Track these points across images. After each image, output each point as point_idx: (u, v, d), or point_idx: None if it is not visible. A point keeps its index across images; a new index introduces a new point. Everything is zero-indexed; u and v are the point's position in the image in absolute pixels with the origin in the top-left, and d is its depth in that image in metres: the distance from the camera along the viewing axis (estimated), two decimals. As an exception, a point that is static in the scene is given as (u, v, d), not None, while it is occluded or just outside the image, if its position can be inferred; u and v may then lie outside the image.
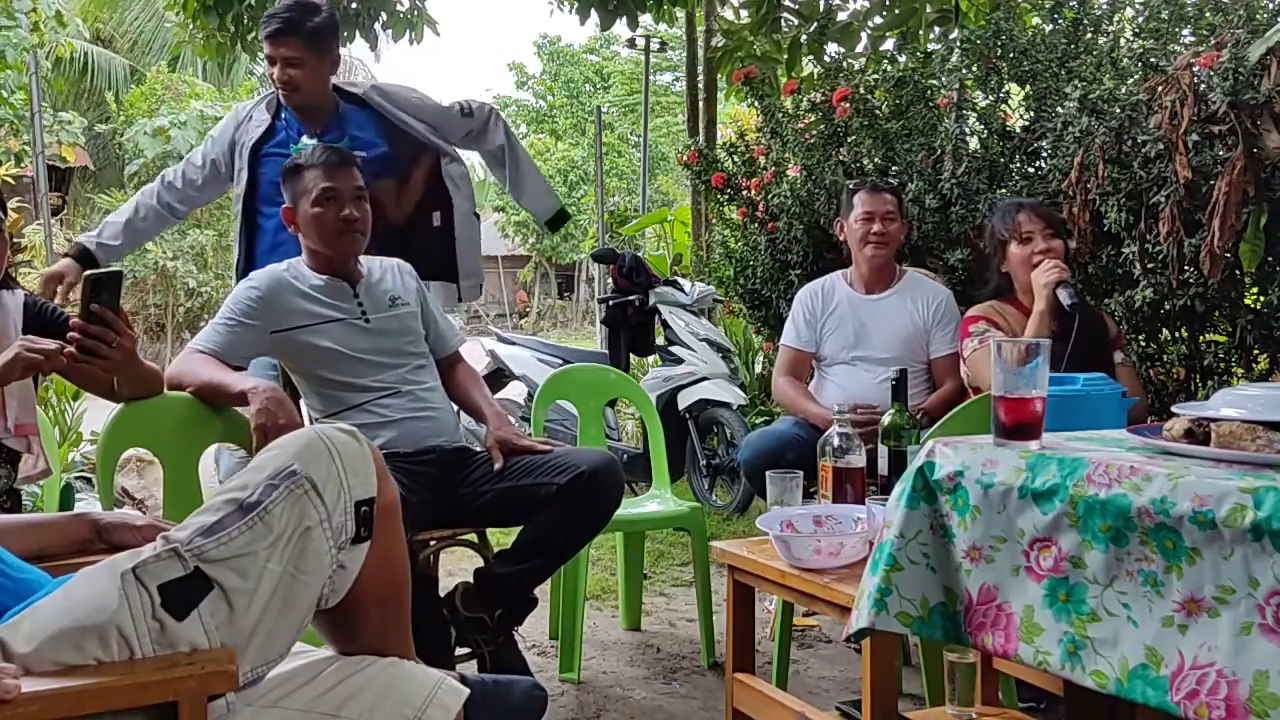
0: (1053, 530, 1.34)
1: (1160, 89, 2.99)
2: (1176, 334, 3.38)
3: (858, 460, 2.23)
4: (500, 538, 3.01)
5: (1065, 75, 3.47)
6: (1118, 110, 3.05)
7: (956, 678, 2.01)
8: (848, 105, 3.86)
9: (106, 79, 15.26)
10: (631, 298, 5.24)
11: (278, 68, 3.11)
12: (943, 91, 3.76)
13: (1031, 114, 3.59)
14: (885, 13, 5.44)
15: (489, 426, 2.60)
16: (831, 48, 5.51)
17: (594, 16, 5.85)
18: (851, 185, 3.32)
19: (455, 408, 2.73)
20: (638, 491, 4.19)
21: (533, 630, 3.17)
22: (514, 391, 5.76)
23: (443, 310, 2.88)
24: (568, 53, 29.12)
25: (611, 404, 5.24)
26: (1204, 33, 3.34)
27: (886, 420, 2.32)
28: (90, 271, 1.99)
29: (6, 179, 7.19)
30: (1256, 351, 3.23)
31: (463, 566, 3.75)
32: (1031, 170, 3.54)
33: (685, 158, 4.65)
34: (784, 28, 5.73)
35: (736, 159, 4.42)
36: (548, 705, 1.73)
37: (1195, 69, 2.89)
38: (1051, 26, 3.70)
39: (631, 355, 5.40)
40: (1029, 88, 3.61)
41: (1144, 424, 1.63)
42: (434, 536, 2.49)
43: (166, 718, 1.25)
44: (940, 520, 1.49)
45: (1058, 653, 1.32)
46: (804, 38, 5.55)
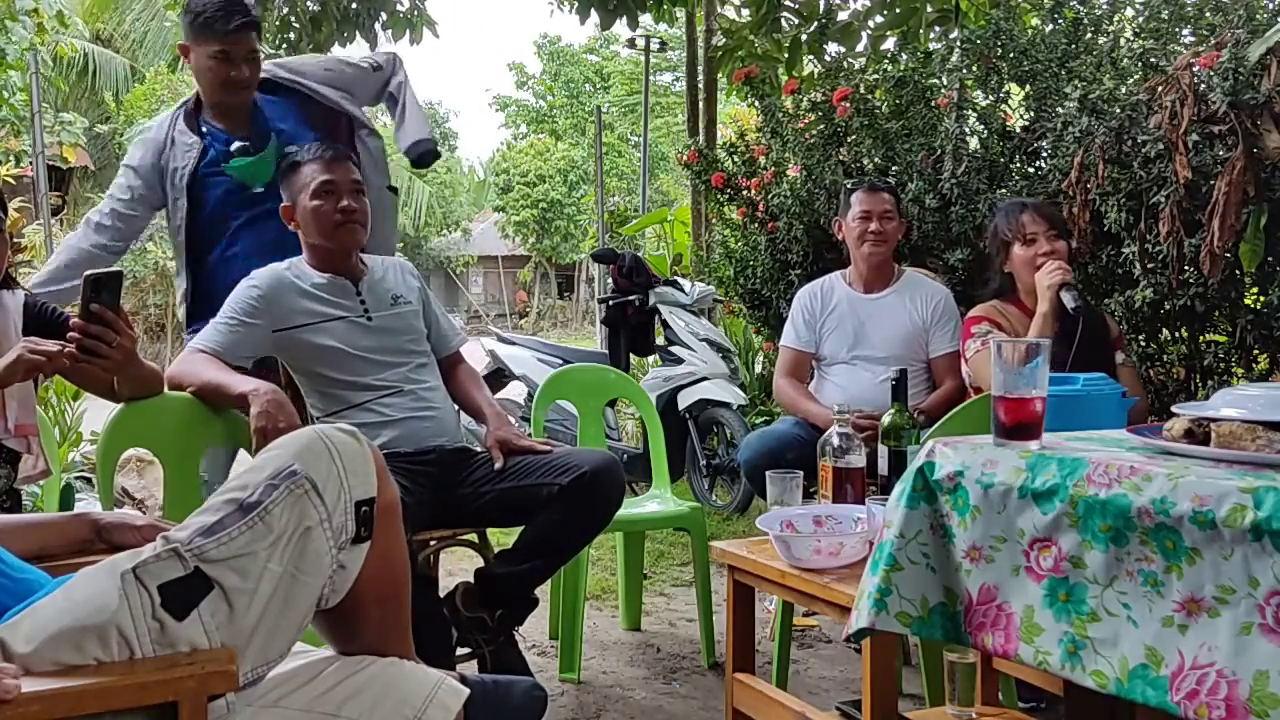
0: (1053, 530, 1.34)
1: (1160, 89, 2.99)
2: (1176, 334, 3.38)
3: (858, 460, 2.23)
4: (500, 538, 3.01)
5: (1065, 75, 3.47)
6: (1118, 110, 3.05)
7: (956, 678, 2.01)
8: (848, 105, 3.86)
9: (107, 79, 15.28)
10: (631, 298, 5.24)
11: (238, 66, 2.85)
12: (943, 91, 3.76)
13: (1031, 114, 3.59)
14: (885, 12, 5.44)
15: (489, 427, 2.60)
16: (831, 47, 5.52)
17: (594, 16, 5.85)
18: (849, 185, 3.32)
19: (456, 408, 2.73)
20: (638, 491, 4.19)
21: (533, 630, 3.17)
22: (514, 391, 5.76)
23: (444, 310, 2.88)
24: (568, 53, 29.14)
25: (611, 404, 5.25)
26: (1204, 33, 3.33)
27: (886, 420, 2.32)
28: (90, 272, 1.99)
29: (7, 179, 7.19)
30: (1256, 351, 3.23)
31: (463, 566, 3.75)
32: (1031, 170, 3.54)
33: (685, 158, 4.66)
34: (784, 27, 5.73)
35: (736, 159, 4.42)
36: (548, 705, 1.73)
37: (1195, 69, 2.89)
38: (1051, 26, 3.70)
39: (631, 355, 5.40)
40: (1029, 88, 3.61)
41: (1144, 424, 1.63)
42: (434, 536, 2.49)
43: (166, 718, 1.25)
44: (940, 520, 1.49)
45: (1058, 653, 1.32)
46: (804, 37, 5.56)
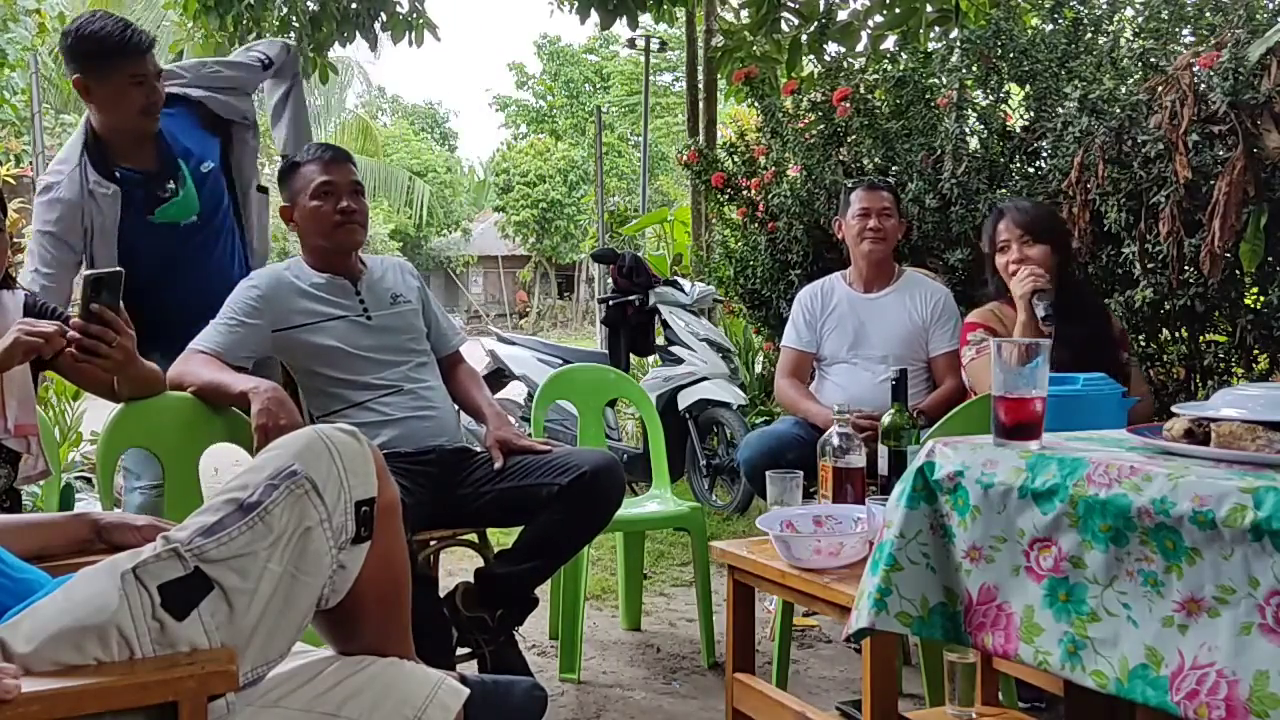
0: (1053, 530, 1.34)
1: (1160, 89, 2.99)
2: (1176, 334, 3.38)
3: (858, 460, 2.23)
4: (500, 538, 3.01)
5: (1065, 75, 3.47)
6: (1118, 110, 3.05)
7: (956, 678, 2.01)
8: (848, 105, 3.87)
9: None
10: (631, 298, 5.23)
11: (154, 87, 2.63)
12: (943, 91, 3.76)
13: (1031, 114, 3.59)
14: (885, 12, 5.44)
15: (489, 426, 2.60)
16: (831, 48, 5.52)
17: (594, 16, 5.85)
18: (850, 184, 3.32)
19: (456, 407, 2.73)
20: (638, 491, 4.19)
21: (533, 630, 3.17)
22: (514, 391, 5.76)
23: (444, 310, 2.88)
24: (568, 53, 29.14)
25: (611, 404, 5.24)
26: (1204, 33, 3.34)
27: (886, 420, 2.32)
28: (90, 271, 1.98)
29: (7, 179, 7.18)
30: (1256, 351, 3.23)
31: (463, 566, 3.75)
32: (1031, 170, 3.54)
33: (685, 158, 4.66)
34: (784, 28, 5.73)
35: (736, 159, 4.42)
36: (548, 705, 1.73)
37: (1195, 69, 2.89)
38: (1051, 26, 3.70)
39: (631, 355, 5.40)
40: (1029, 88, 3.61)
41: (1144, 424, 1.63)
42: (434, 536, 2.49)
43: (166, 718, 1.25)
44: (940, 520, 1.49)
45: (1058, 653, 1.32)
46: (804, 38, 5.56)
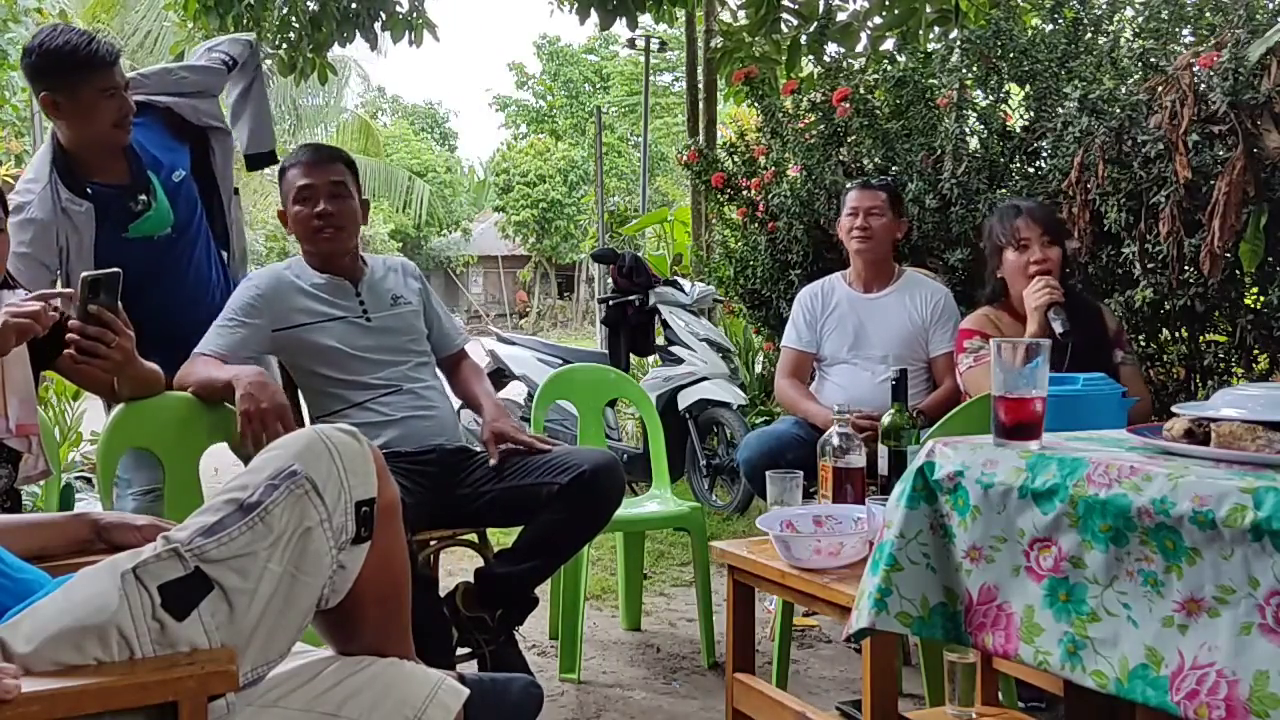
0: (1053, 530, 1.34)
1: (1160, 89, 2.99)
2: (1176, 334, 3.38)
3: (858, 460, 2.23)
4: (500, 538, 3.01)
5: (1065, 75, 3.47)
6: (1118, 110, 3.05)
7: (956, 678, 2.01)
8: (848, 105, 3.86)
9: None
10: (631, 298, 5.24)
11: (125, 97, 2.58)
12: (943, 91, 3.76)
13: (1031, 114, 3.59)
14: (885, 13, 5.44)
15: (485, 419, 2.60)
16: (831, 48, 5.52)
17: (594, 16, 5.85)
18: (850, 185, 3.33)
19: (455, 407, 2.73)
20: (638, 491, 4.19)
21: (533, 630, 3.17)
22: (514, 391, 5.75)
23: (446, 310, 2.88)
24: (567, 53, 29.15)
25: (611, 404, 5.24)
26: (1204, 33, 3.34)
27: (886, 420, 2.32)
28: (88, 272, 1.98)
29: (7, 179, 7.19)
30: (1256, 351, 3.23)
31: (463, 566, 3.75)
32: (1031, 170, 3.54)
33: (685, 158, 4.66)
34: (784, 28, 5.73)
35: (736, 159, 4.42)
36: (543, 701, 1.73)
37: (1195, 69, 2.89)
38: (1051, 26, 3.70)
39: (631, 355, 5.40)
40: (1029, 88, 3.61)
41: (1144, 424, 1.63)
42: (434, 536, 2.49)
43: (166, 718, 1.25)
44: (940, 520, 1.49)
45: (1058, 653, 1.32)
46: (804, 38, 5.56)
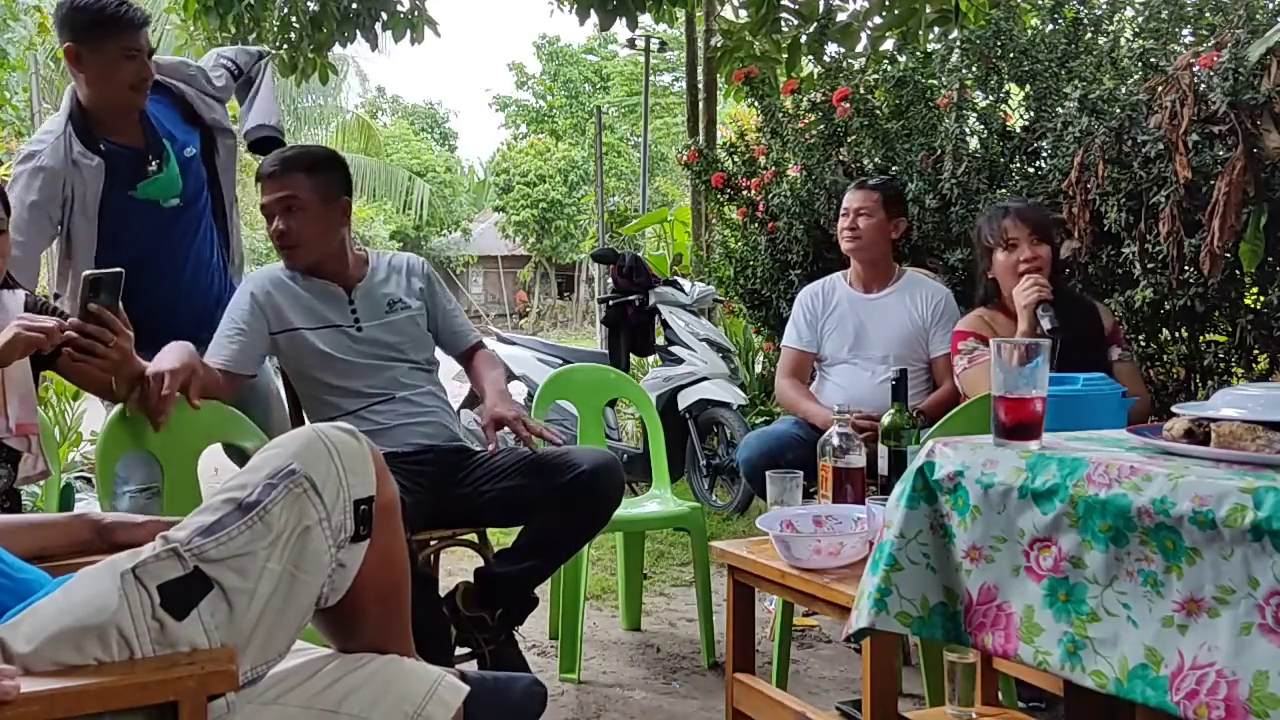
0: (1053, 530, 1.34)
1: (1160, 89, 2.99)
2: (1176, 334, 3.38)
3: (858, 460, 2.23)
4: (500, 538, 3.01)
5: (1065, 75, 3.47)
6: (1118, 110, 3.05)
7: (956, 678, 2.01)
8: (848, 105, 3.86)
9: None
10: (631, 298, 5.23)
11: (146, 62, 2.63)
12: (943, 91, 3.76)
13: (1031, 114, 3.59)
14: (885, 13, 5.44)
15: (485, 405, 2.55)
16: (831, 48, 5.52)
17: (594, 17, 5.84)
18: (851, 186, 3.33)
19: (454, 409, 2.72)
20: (638, 491, 4.19)
21: (533, 630, 3.17)
22: (514, 391, 5.72)
23: (457, 306, 2.78)
24: (567, 53, 29.15)
25: (611, 404, 5.24)
26: (1204, 33, 3.34)
27: (886, 420, 2.32)
28: (89, 272, 1.99)
29: (7, 179, 7.19)
30: (1256, 351, 3.23)
31: (463, 566, 3.75)
32: (1031, 170, 3.54)
33: (685, 158, 4.65)
34: (784, 28, 5.73)
35: (736, 159, 4.42)
36: (547, 702, 1.73)
37: (1195, 69, 2.89)
38: (1051, 26, 3.69)
39: (631, 355, 5.40)
40: (1029, 88, 3.61)
41: (1144, 424, 1.63)
42: (434, 536, 2.49)
43: (166, 718, 1.25)
44: (940, 520, 1.49)
45: (1058, 653, 1.32)
46: (804, 38, 5.55)
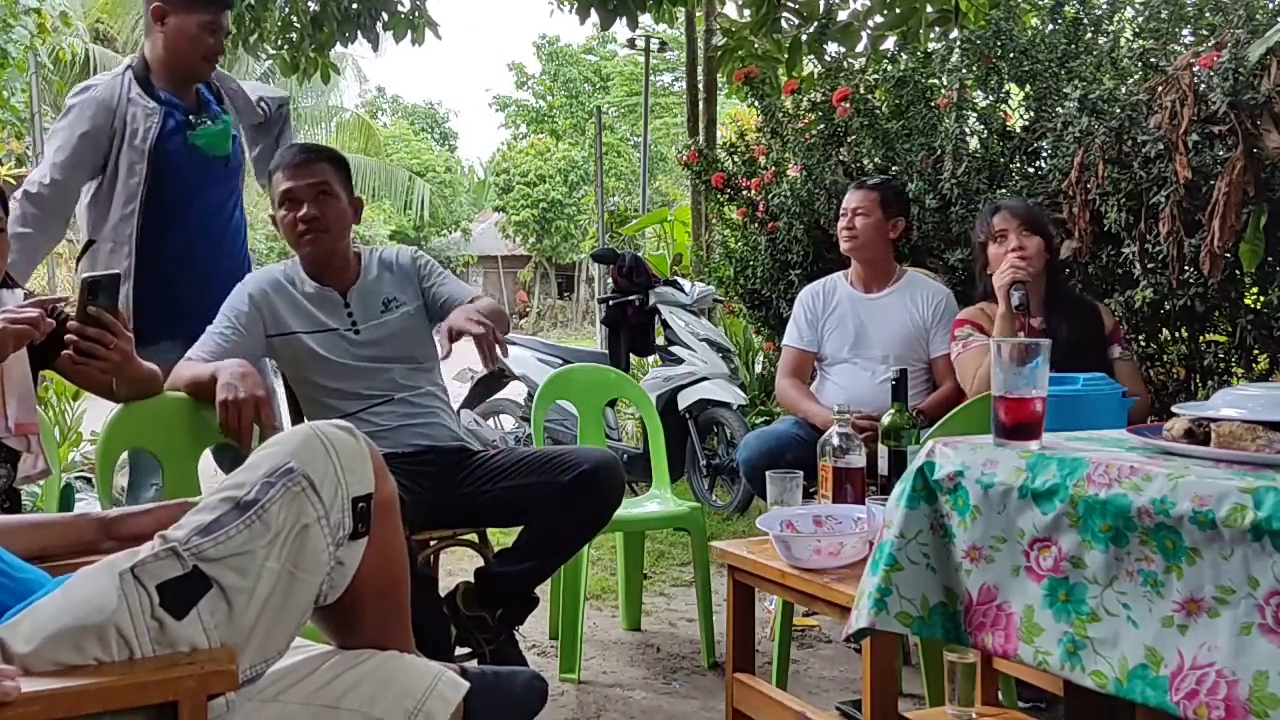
0: (1053, 530, 1.34)
1: (1160, 89, 2.99)
2: (1176, 334, 3.38)
3: (858, 460, 2.23)
4: (500, 537, 3.01)
5: (1065, 75, 3.47)
6: (1118, 110, 3.05)
7: (956, 678, 2.01)
8: (848, 105, 3.86)
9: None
10: (631, 298, 5.23)
11: (220, 39, 2.92)
12: (943, 91, 3.76)
13: (1031, 114, 3.59)
14: (885, 12, 5.44)
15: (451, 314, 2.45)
16: (832, 47, 5.52)
17: (594, 16, 5.84)
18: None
19: (454, 408, 2.71)
20: (638, 491, 4.19)
21: (533, 630, 3.17)
22: (514, 391, 5.75)
23: (454, 280, 2.73)
24: (567, 53, 29.14)
25: (611, 404, 5.24)
26: (1204, 33, 3.34)
27: (886, 420, 2.32)
28: (87, 275, 1.99)
29: (8, 179, 7.19)
30: (1256, 351, 3.23)
31: (463, 566, 3.75)
32: (1031, 170, 3.54)
33: (685, 158, 4.65)
34: (784, 27, 5.73)
35: (736, 159, 4.42)
36: (547, 696, 1.73)
37: (1195, 69, 2.89)
38: (1051, 26, 3.69)
39: (631, 355, 5.40)
40: (1029, 88, 3.61)
41: (1144, 424, 1.63)
42: (434, 536, 2.49)
43: (166, 717, 1.25)
44: (940, 520, 1.49)
45: (1057, 653, 1.32)
46: (804, 37, 5.55)
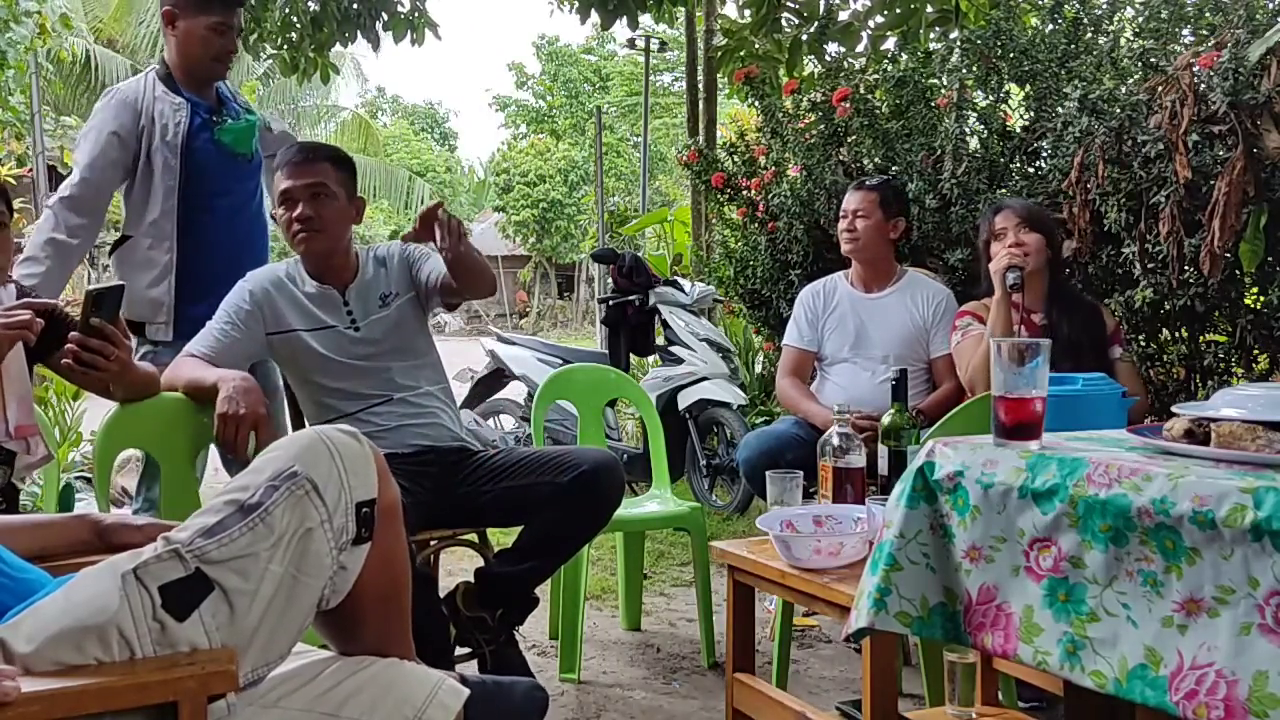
0: (1053, 530, 1.34)
1: (1160, 89, 2.99)
2: (1176, 334, 3.38)
3: (858, 460, 2.23)
4: (500, 538, 3.01)
5: (1065, 75, 3.47)
6: (1118, 110, 3.05)
7: (956, 678, 2.02)
8: (848, 105, 3.86)
9: (109, 79, 15.27)
10: (631, 298, 5.23)
11: (232, 40, 2.94)
12: (943, 91, 3.76)
13: (1031, 114, 3.59)
14: (886, 12, 5.44)
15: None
16: (832, 47, 5.52)
17: (594, 16, 5.84)
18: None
19: (456, 407, 2.71)
20: (638, 491, 4.19)
21: (533, 630, 3.17)
22: (514, 391, 5.76)
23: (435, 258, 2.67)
24: (567, 53, 29.13)
25: (611, 404, 5.24)
26: (1204, 33, 3.34)
27: (886, 420, 2.32)
28: (92, 287, 2.02)
29: (8, 179, 7.19)
30: (1256, 351, 3.23)
31: (463, 566, 3.75)
32: (1031, 170, 3.54)
33: (685, 158, 4.65)
34: (784, 27, 5.73)
35: (736, 159, 4.42)
36: (548, 706, 1.73)
37: (1195, 69, 2.89)
38: (1051, 26, 3.69)
39: (631, 355, 5.40)
40: (1029, 88, 3.61)
41: (1144, 424, 1.63)
42: (434, 536, 2.49)
43: (166, 718, 1.25)
44: (940, 520, 1.49)
45: (1057, 653, 1.32)
46: (804, 37, 5.55)
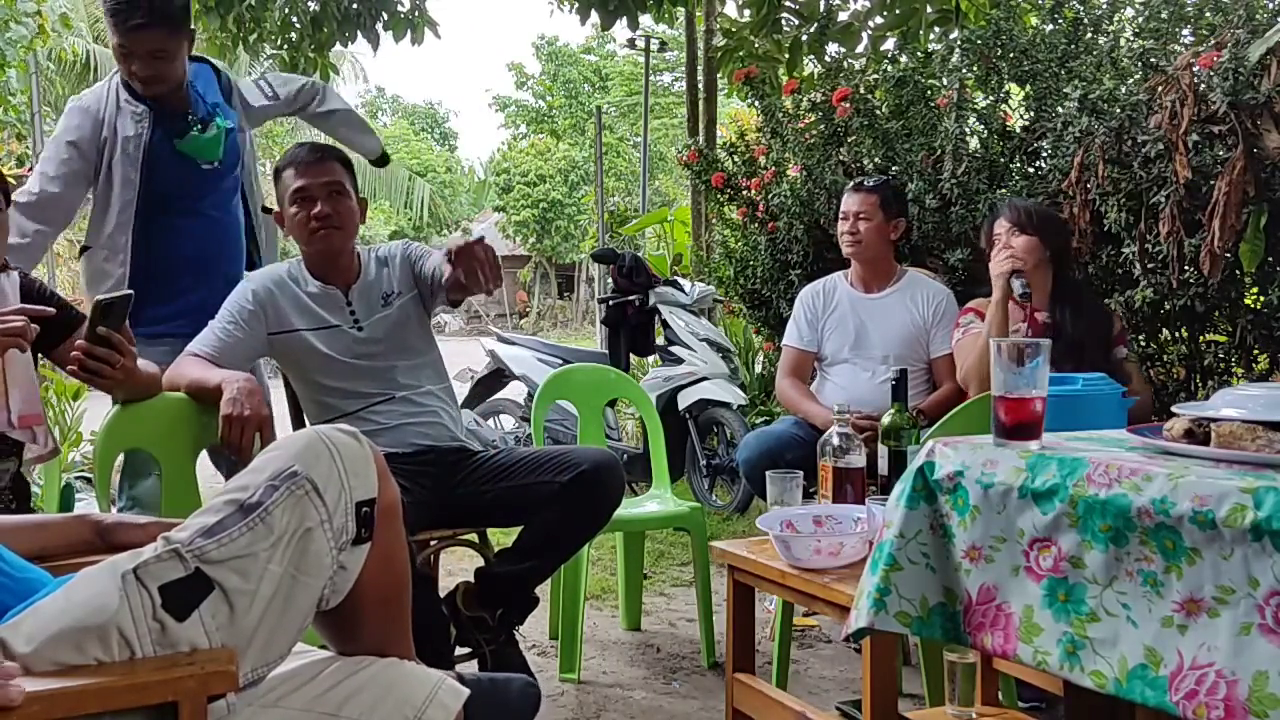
0: (1052, 530, 1.34)
1: (1160, 89, 2.99)
2: (1176, 334, 3.38)
3: (858, 460, 2.23)
4: (500, 537, 3.01)
5: (1065, 75, 3.47)
6: (1118, 110, 3.05)
7: (956, 678, 2.01)
8: (848, 105, 3.87)
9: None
10: (631, 298, 5.23)
11: (140, 63, 2.69)
12: (943, 91, 3.76)
13: (1031, 114, 3.59)
14: (886, 13, 5.44)
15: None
16: (832, 48, 5.52)
17: (594, 16, 5.84)
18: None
19: (457, 406, 2.71)
20: (638, 491, 4.19)
21: (533, 630, 3.17)
22: (514, 391, 5.76)
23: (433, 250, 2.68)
24: (566, 53, 29.13)
25: (611, 404, 5.24)
26: (1204, 33, 3.34)
27: (886, 420, 2.32)
28: (101, 296, 2.02)
29: (10, 180, 7.20)
30: (1256, 351, 3.23)
31: (463, 566, 3.75)
32: (1031, 170, 3.54)
33: (685, 158, 4.66)
34: (784, 27, 5.73)
35: (736, 159, 4.42)
36: (541, 701, 1.74)
37: (1195, 69, 2.89)
38: (1051, 26, 3.70)
39: (631, 355, 5.40)
40: (1029, 88, 3.61)
41: (1144, 424, 1.63)
42: (434, 536, 2.49)
43: (166, 718, 1.25)
44: (940, 520, 1.49)
45: (1057, 653, 1.32)
46: (804, 37, 5.55)
